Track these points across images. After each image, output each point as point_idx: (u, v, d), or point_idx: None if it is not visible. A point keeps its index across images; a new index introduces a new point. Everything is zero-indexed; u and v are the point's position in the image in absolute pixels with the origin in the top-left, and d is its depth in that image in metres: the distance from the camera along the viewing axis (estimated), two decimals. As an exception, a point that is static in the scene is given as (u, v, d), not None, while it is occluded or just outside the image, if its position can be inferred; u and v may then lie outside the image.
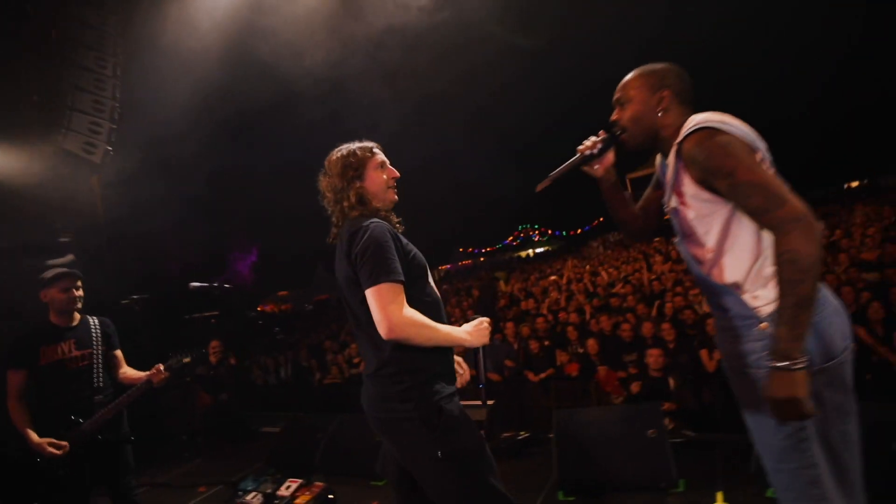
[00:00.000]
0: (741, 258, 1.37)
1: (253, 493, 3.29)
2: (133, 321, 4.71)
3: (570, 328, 5.87)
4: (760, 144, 1.37)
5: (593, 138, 1.64)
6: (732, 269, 1.39)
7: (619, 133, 1.59)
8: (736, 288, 1.38)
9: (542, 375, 5.49)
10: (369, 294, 1.54)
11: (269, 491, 3.27)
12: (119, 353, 2.80)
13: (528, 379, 5.54)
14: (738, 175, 1.27)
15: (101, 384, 2.61)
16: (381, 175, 1.79)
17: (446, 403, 1.60)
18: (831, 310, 1.33)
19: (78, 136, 4.79)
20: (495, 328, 6.75)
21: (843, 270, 6.01)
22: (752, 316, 1.35)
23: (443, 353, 1.67)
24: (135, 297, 4.46)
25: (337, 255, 1.72)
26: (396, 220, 1.82)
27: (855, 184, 38.10)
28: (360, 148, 1.78)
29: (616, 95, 1.58)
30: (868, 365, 4.18)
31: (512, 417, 4.73)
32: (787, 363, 1.17)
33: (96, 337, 2.67)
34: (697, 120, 1.39)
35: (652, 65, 1.55)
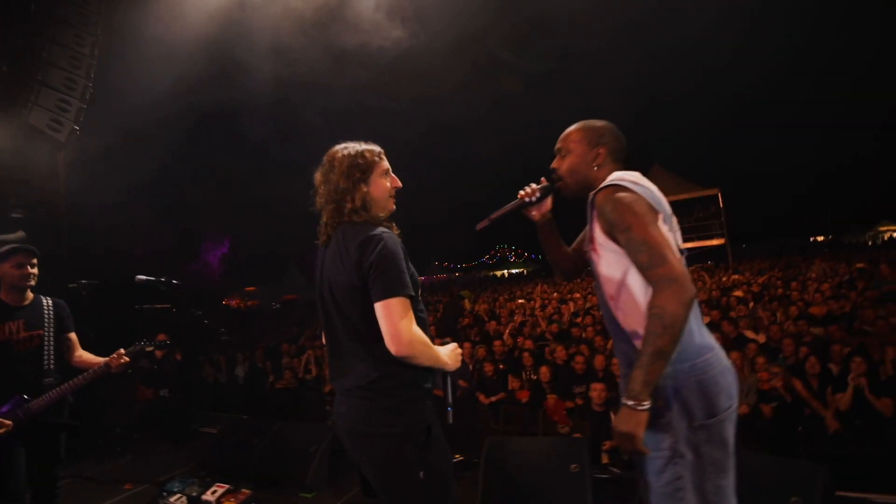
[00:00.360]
0: (636, 308, 1.45)
1: (178, 496, 3.20)
2: (80, 305, 4.57)
3: (525, 354, 5.93)
4: (665, 208, 1.48)
5: (534, 185, 1.74)
6: (630, 317, 1.47)
7: (556, 181, 1.70)
8: (633, 336, 1.46)
9: (493, 399, 5.52)
10: (381, 307, 1.50)
11: (194, 494, 3.19)
12: (73, 336, 2.71)
13: (478, 400, 5.56)
14: (633, 231, 1.37)
15: (50, 367, 2.52)
16: (386, 182, 1.73)
17: (433, 423, 1.60)
18: (719, 370, 1.42)
19: (44, 111, 4.65)
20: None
21: (791, 322, 6.24)
22: None
23: (433, 372, 1.66)
24: (83, 281, 4.33)
25: (330, 258, 1.65)
26: (397, 231, 1.73)
27: (820, 238, 39.80)
28: (369, 151, 1.70)
29: (558, 145, 1.70)
30: (800, 418, 4.33)
31: (457, 438, 4.73)
32: (633, 403, 1.29)
33: (48, 318, 2.58)
34: (614, 176, 1.52)
35: (593, 121, 1.67)
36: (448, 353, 1.70)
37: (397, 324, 1.48)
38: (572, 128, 1.68)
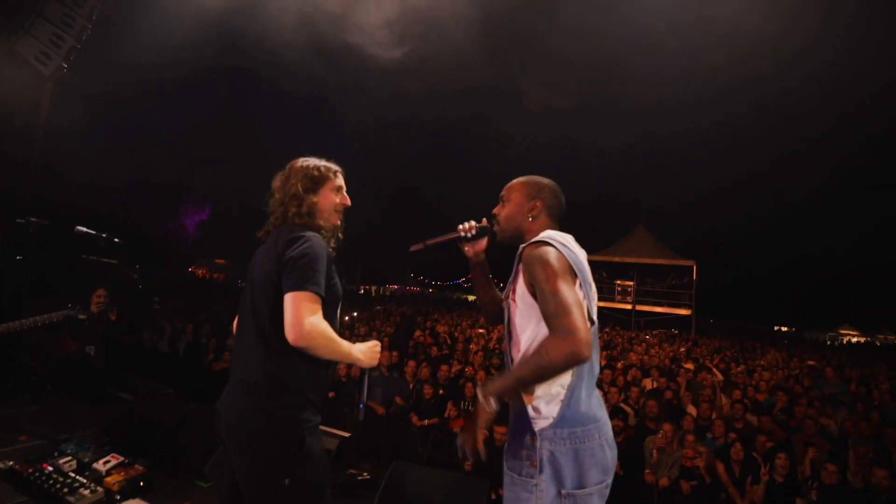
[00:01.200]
0: None
1: (68, 458, 3.06)
2: (25, 242, 4.41)
3: (469, 384, 5.90)
4: (585, 275, 1.52)
5: (472, 223, 1.83)
6: None
7: (493, 225, 1.78)
8: (524, 395, 1.47)
9: (426, 422, 5.45)
10: (289, 297, 1.53)
11: (85, 460, 3.06)
12: None
13: (411, 421, 5.48)
14: (548, 283, 1.42)
15: None
16: (335, 198, 1.84)
17: (310, 435, 1.60)
18: (598, 443, 1.44)
19: (35, 42, 4.54)
20: (399, 364, 6.71)
21: (729, 404, 6.35)
22: (527, 426, 1.44)
23: (321, 383, 1.69)
24: (33, 219, 4.17)
25: (261, 252, 1.74)
26: (333, 245, 1.84)
27: (784, 328, 40.92)
28: (326, 167, 1.83)
29: (501, 193, 1.78)
30: (716, 501, 4.38)
31: (377, 454, 4.66)
32: (482, 396, 1.42)
33: None
34: (545, 234, 1.59)
35: (537, 176, 1.77)
36: (363, 349, 1.75)
37: (300, 313, 1.50)
38: (517, 179, 1.77)
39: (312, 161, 1.84)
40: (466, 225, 1.82)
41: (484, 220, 1.82)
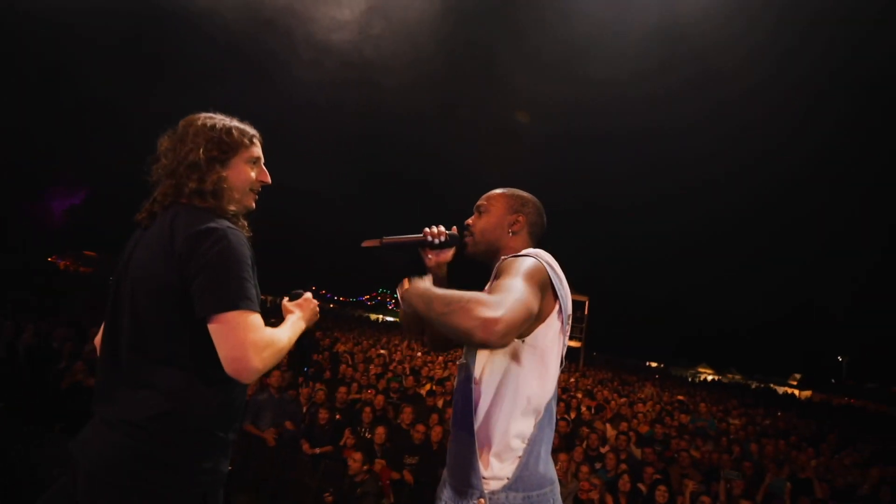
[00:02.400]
0: (499, 411, 1.28)
1: None
2: None
3: (367, 409, 5.55)
4: (567, 306, 1.36)
5: (442, 228, 1.57)
6: (488, 414, 1.30)
7: (465, 236, 1.56)
8: (476, 445, 1.28)
9: (318, 450, 4.99)
10: (220, 324, 1.16)
11: None
12: None
13: (300, 448, 4.99)
14: (513, 277, 1.20)
15: None
16: (250, 173, 1.41)
17: (213, 490, 1.26)
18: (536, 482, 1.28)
19: None
20: (294, 384, 6.15)
21: (615, 436, 6.67)
22: (475, 486, 1.24)
23: (235, 413, 1.33)
24: None
25: (143, 243, 1.29)
26: (248, 232, 1.40)
27: (654, 364, 45.49)
28: (239, 129, 1.39)
29: (478, 202, 1.57)
30: (604, 533, 4.48)
31: (258, 486, 4.13)
32: (403, 289, 1.28)
33: None
34: (531, 251, 1.39)
35: (519, 190, 1.58)
36: (298, 317, 1.43)
37: (244, 346, 1.15)
38: (498, 189, 1.57)
39: (219, 119, 1.39)
40: (435, 229, 1.55)
41: (454, 228, 1.59)
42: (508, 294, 1.12)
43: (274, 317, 1.48)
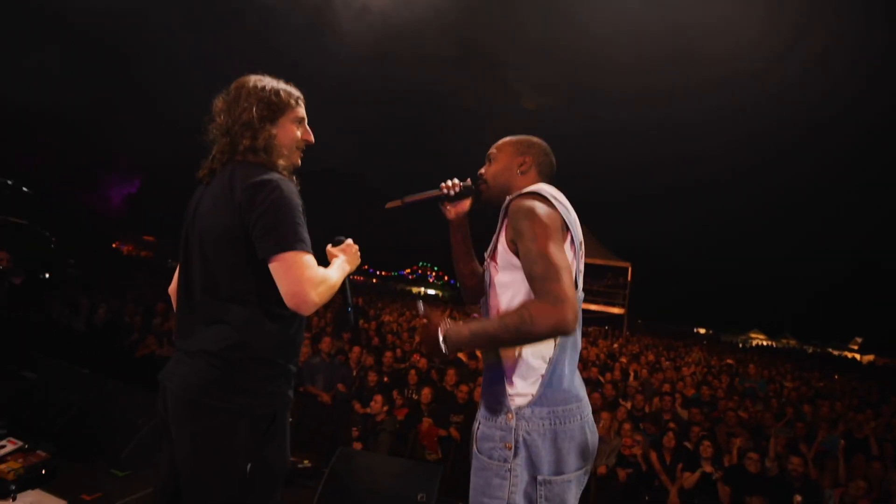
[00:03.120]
0: None
1: (-49, 443, 2.62)
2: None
3: (412, 371, 5.78)
4: (577, 231, 1.40)
5: (456, 180, 1.65)
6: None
7: (479, 183, 1.63)
8: (503, 366, 1.36)
9: (368, 409, 5.27)
10: (278, 264, 1.29)
11: (-27, 446, 2.63)
12: None
13: (353, 409, 5.29)
14: (536, 242, 1.27)
15: None
16: (296, 131, 1.52)
17: (281, 411, 1.42)
18: (579, 424, 1.34)
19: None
20: (342, 350, 6.46)
21: (658, 399, 6.66)
22: (503, 404, 1.33)
23: (297, 348, 1.48)
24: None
25: (210, 198, 1.41)
26: (298, 185, 1.51)
27: (702, 330, 44.26)
28: (286, 91, 1.49)
29: (489, 152, 1.64)
30: (650, 488, 4.55)
31: (316, 443, 4.44)
32: (441, 334, 1.28)
33: None
34: (535, 186, 1.44)
35: (526, 135, 1.64)
36: (343, 261, 1.54)
37: (300, 281, 1.27)
38: (505, 138, 1.64)
39: (268, 81, 1.49)
40: (450, 182, 1.64)
41: (468, 179, 1.66)
42: (549, 275, 1.21)
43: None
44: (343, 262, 1.54)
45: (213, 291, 1.37)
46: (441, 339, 1.28)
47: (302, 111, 1.55)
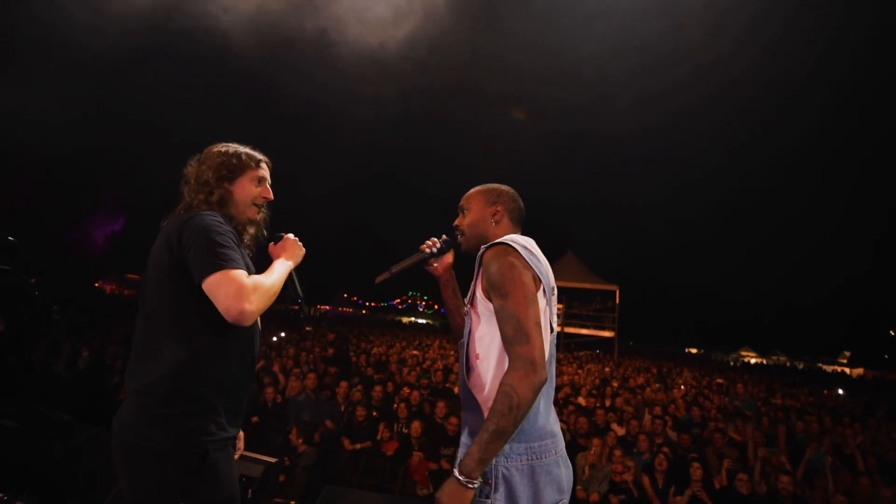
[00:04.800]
0: (494, 379, 1.41)
1: (-73, 499, 2.56)
2: None
3: (402, 405, 5.74)
4: (548, 280, 1.49)
5: (434, 239, 1.79)
6: (489, 386, 1.43)
7: (458, 236, 1.73)
8: (484, 407, 1.41)
9: (358, 446, 5.22)
10: (209, 282, 1.35)
11: (-50, 500, 2.57)
12: None
13: (342, 446, 5.22)
14: (508, 300, 1.36)
15: None
16: (254, 189, 1.65)
17: (214, 449, 1.41)
18: (554, 459, 1.40)
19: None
20: (329, 385, 6.40)
21: (650, 420, 6.66)
22: None
23: (234, 387, 1.50)
24: None
25: (156, 241, 1.52)
26: (249, 236, 1.67)
27: (693, 350, 44.35)
28: (247, 154, 1.65)
29: (460, 204, 1.74)
30: (643, 513, 4.52)
31: (303, 482, 4.36)
32: (464, 479, 1.26)
33: None
34: (507, 237, 1.52)
35: (493, 183, 1.75)
36: (282, 260, 1.61)
37: (233, 296, 1.33)
38: (474, 189, 1.74)
39: (232, 147, 1.66)
40: (429, 242, 1.78)
41: (444, 236, 1.79)
42: (519, 337, 1.31)
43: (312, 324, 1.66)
44: (282, 261, 1.61)
45: (151, 330, 1.44)
46: (461, 482, 1.26)
47: (263, 172, 1.69)
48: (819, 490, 4.75)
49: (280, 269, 1.57)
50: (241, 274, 1.39)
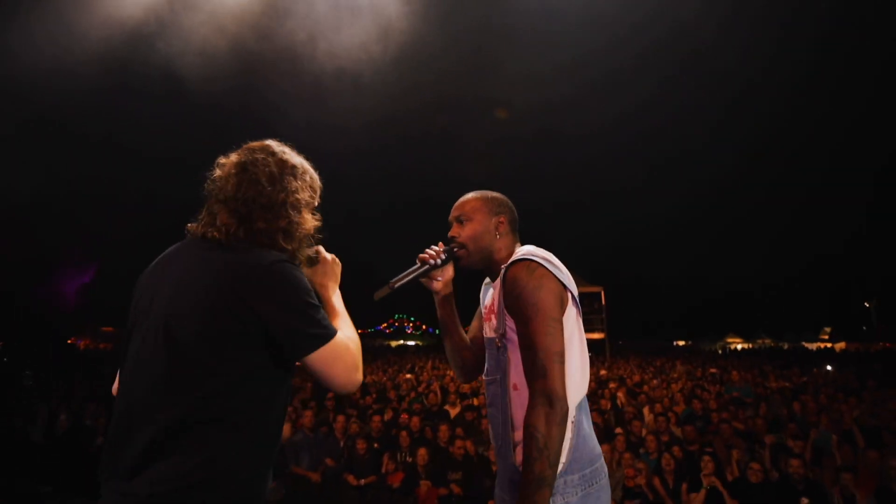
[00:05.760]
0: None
1: None
2: None
3: (404, 433, 5.58)
4: (573, 287, 1.39)
5: (435, 248, 1.54)
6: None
7: (457, 249, 1.53)
8: (518, 445, 1.31)
9: (363, 481, 5.02)
10: (325, 355, 1.12)
11: None
12: None
13: (347, 482, 5.02)
14: (530, 327, 1.28)
15: None
16: (312, 221, 1.29)
17: None
18: (605, 482, 1.33)
19: None
20: (326, 421, 6.19)
21: (652, 419, 6.63)
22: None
23: (271, 462, 1.17)
24: None
25: (182, 269, 1.15)
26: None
27: (681, 343, 44.96)
28: (317, 177, 1.32)
29: (455, 213, 1.55)
30: (658, 514, 4.45)
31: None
32: None
33: None
34: (525, 251, 1.42)
35: (489, 191, 1.59)
36: (332, 283, 1.38)
37: (351, 370, 1.17)
38: (470, 195, 1.58)
39: (301, 159, 1.30)
40: (431, 251, 1.52)
41: (440, 244, 1.56)
42: (538, 370, 1.24)
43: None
44: (332, 289, 1.39)
45: (181, 404, 1.05)
46: None
47: (318, 200, 1.37)
48: (828, 470, 4.76)
49: (341, 306, 1.37)
50: (346, 340, 1.19)
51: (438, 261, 1.52)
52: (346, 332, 1.24)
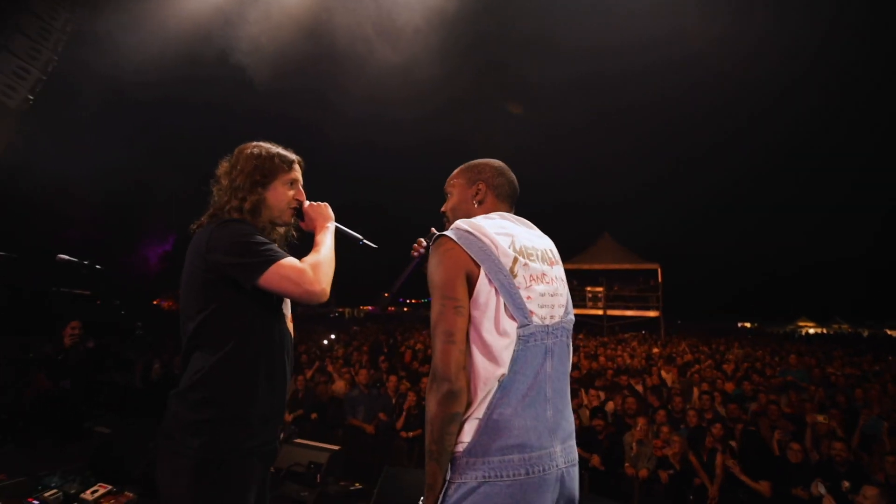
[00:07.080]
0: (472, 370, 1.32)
1: (54, 491, 3.00)
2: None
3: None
4: (499, 264, 1.28)
5: (421, 240, 1.66)
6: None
7: (445, 222, 1.59)
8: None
9: (412, 434, 5.52)
10: (266, 279, 1.36)
11: (72, 491, 3.01)
12: None
13: (398, 434, 5.54)
14: (433, 301, 1.29)
15: None
16: (288, 193, 1.60)
17: (237, 458, 1.39)
18: (517, 484, 1.19)
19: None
20: (380, 380, 6.74)
21: (697, 396, 6.65)
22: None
23: (265, 395, 1.46)
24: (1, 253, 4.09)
25: (187, 252, 1.51)
26: (279, 236, 1.65)
27: (747, 325, 42.67)
28: (280, 155, 1.59)
29: (445, 187, 1.62)
30: (691, 486, 4.60)
31: (363, 468, 4.69)
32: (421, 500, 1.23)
33: None
34: (459, 222, 1.37)
35: (476, 160, 1.60)
36: (324, 230, 1.61)
37: (301, 282, 1.38)
38: (457, 168, 1.61)
39: (264, 147, 1.59)
40: (416, 245, 1.65)
41: (432, 229, 1.60)
42: (436, 347, 1.22)
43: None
44: (324, 231, 1.60)
45: (186, 340, 1.46)
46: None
47: (296, 174, 1.64)
48: (876, 457, 4.67)
49: (324, 237, 1.57)
50: (292, 260, 1.41)
51: (423, 250, 1.63)
52: (309, 259, 1.48)
